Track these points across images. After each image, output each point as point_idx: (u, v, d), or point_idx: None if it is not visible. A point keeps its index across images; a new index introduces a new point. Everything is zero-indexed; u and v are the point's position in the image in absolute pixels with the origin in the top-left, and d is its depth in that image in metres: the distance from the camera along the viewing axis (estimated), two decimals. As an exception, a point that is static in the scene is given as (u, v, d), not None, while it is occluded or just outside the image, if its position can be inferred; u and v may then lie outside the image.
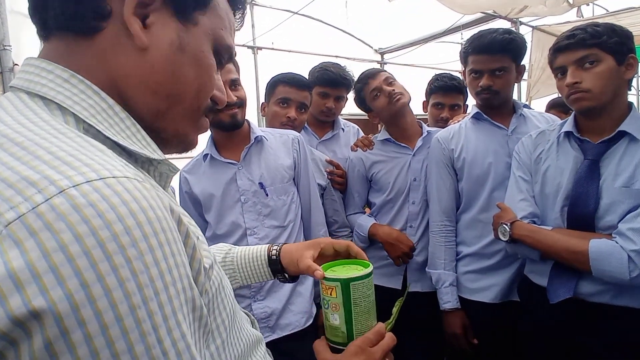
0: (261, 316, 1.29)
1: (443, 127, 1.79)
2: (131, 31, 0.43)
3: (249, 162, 1.37)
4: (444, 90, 2.03)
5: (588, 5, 4.07)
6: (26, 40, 2.49)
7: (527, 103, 4.91)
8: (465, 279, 1.53)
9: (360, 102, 1.75)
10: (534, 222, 1.25)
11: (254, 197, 1.34)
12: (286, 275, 0.83)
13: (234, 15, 0.56)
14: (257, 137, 1.38)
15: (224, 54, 0.53)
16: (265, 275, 0.83)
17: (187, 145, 0.53)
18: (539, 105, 4.24)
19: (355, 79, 1.81)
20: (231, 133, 1.37)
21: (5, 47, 1.78)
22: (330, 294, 0.67)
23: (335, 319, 0.67)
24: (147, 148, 0.45)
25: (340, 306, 0.66)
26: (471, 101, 1.75)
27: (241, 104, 1.34)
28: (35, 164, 0.32)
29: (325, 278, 0.69)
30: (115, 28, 0.43)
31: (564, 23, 4.02)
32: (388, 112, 1.64)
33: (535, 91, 4.93)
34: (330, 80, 1.82)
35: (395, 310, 0.76)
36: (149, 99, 0.46)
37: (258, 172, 1.36)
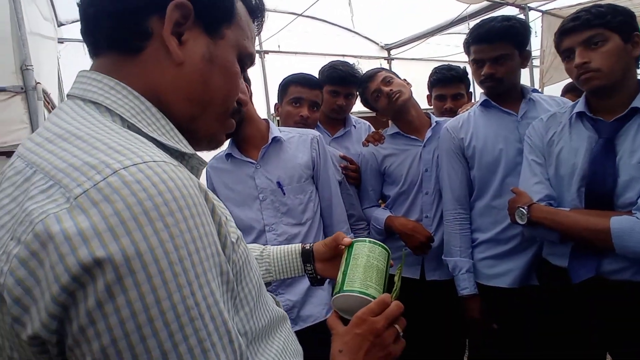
0: (284, 309, 1.33)
1: (450, 117, 1.80)
2: (170, 49, 0.50)
3: (267, 161, 1.41)
4: (444, 82, 2.08)
5: (597, -16, 3.99)
6: (45, 60, 2.59)
7: (538, 89, 4.83)
8: (482, 266, 1.53)
9: (365, 103, 1.80)
10: (551, 205, 1.25)
11: (272, 196, 1.38)
12: (314, 268, 0.89)
13: (253, 23, 0.62)
14: (274, 137, 1.42)
15: (246, 61, 0.60)
16: (297, 268, 0.90)
17: (216, 143, 0.61)
18: (554, 91, 4.17)
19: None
20: (248, 134, 1.42)
21: (28, 67, 1.86)
22: (343, 256, 0.80)
23: (339, 274, 0.78)
24: (180, 143, 0.52)
25: (344, 261, 0.78)
26: (478, 89, 1.75)
27: (239, 109, 1.39)
28: (94, 152, 0.40)
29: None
30: (155, 46, 0.50)
31: (574, 5, 3.94)
32: (391, 110, 1.69)
33: (549, 77, 4.85)
34: (339, 78, 1.85)
35: (397, 277, 0.79)
36: (184, 106, 0.53)
37: (276, 172, 1.40)
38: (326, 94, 1.88)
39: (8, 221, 0.39)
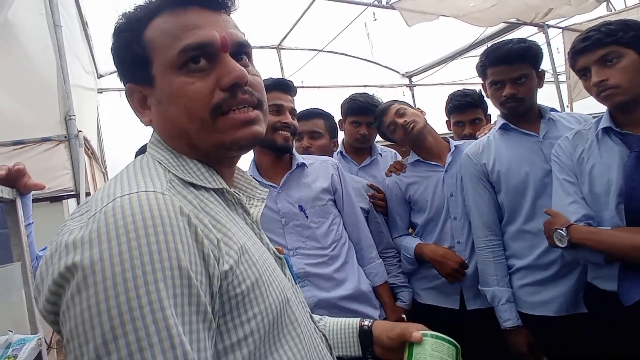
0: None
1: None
2: (144, 122, 0.65)
3: (288, 186, 1.45)
4: (460, 109, 2.08)
5: (617, -3, 3.94)
6: (86, 109, 2.79)
7: (566, 104, 4.70)
8: (523, 293, 1.45)
9: (383, 136, 1.84)
10: (590, 225, 1.19)
11: (294, 219, 1.40)
12: (373, 352, 0.83)
13: (180, 9, 0.60)
14: (299, 163, 1.46)
15: (188, 58, 0.58)
16: (353, 346, 0.84)
17: (234, 145, 0.61)
18: (583, 105, 4.05)
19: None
20: (275, 158, 1.46)
21: (71, 117, 2.01)
22: (411, 351, 0.72)
23: None
24: (204, 181, 0.60)
25: None
26: (493, 111, 1.75)
27: (294, 132, 1.46)
28: (118, 186, 0.52)
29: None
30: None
31: (595, 19, 3.89)
32: (408, 141, 1.71)
33: (577, 92, 4.74)
34: (358, 109, 1.91)
35: None
36: (176, 144, 0.62)
37: (297, 195, 1.42)
38: (348, 125, 1.96)
39: None
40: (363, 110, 1.90)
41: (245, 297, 0.53)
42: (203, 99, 0.58)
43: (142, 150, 1.34)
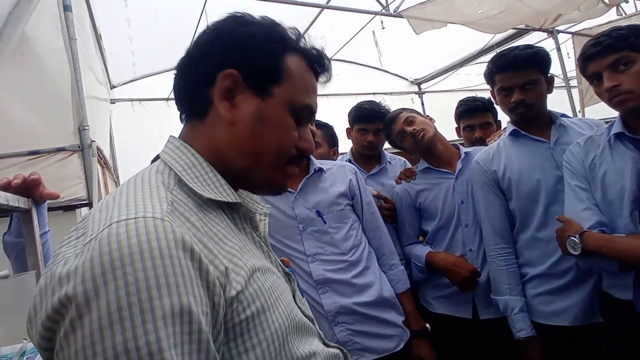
0: (345, 339, 1.30)
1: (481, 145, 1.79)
2: (220, 112, 0.61)
3: (305, 191, 1.44)
4: (470, 113, 2.08)
5: (627, 2, 3.90)
6: (99, 119, 2.84)
7: (578, 110, 4.65)
8: (538, 303, 1.42)
9: (392, 144, 1.84)
10: (603, 232, 1.17)
11: (312, 225, 1.39)
12: None
13: (318, 74, 0.69)
14: (316, 168, 1.46)
15: (303, 112, 0.65)
16: None
17: (277, 189, 0.67)
18: (596, 111, 4.00)
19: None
20: None
21: (85, 127, 2.05)
22: None
23: None
24: (222, 194, 0.60)
25: None
26: (503, 118, 1.73)
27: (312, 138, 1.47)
28: (115, 209, 0.49)
29: None
30: (215, 111, 0.62)
31: (605, 24, 3.86)
32: (418, 149, 1.71)
33: (589, 97, 4.68)
34: (365, 116, 1.92)
35: None
36: (238, 158, 0.62)
37: (315, 200, 1.42)
38: (356, 133, 1.96)
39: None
40: (369, 118, 1.91)
41: (249, 323, 0.52)
42: (290, 145, 0.65)
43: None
